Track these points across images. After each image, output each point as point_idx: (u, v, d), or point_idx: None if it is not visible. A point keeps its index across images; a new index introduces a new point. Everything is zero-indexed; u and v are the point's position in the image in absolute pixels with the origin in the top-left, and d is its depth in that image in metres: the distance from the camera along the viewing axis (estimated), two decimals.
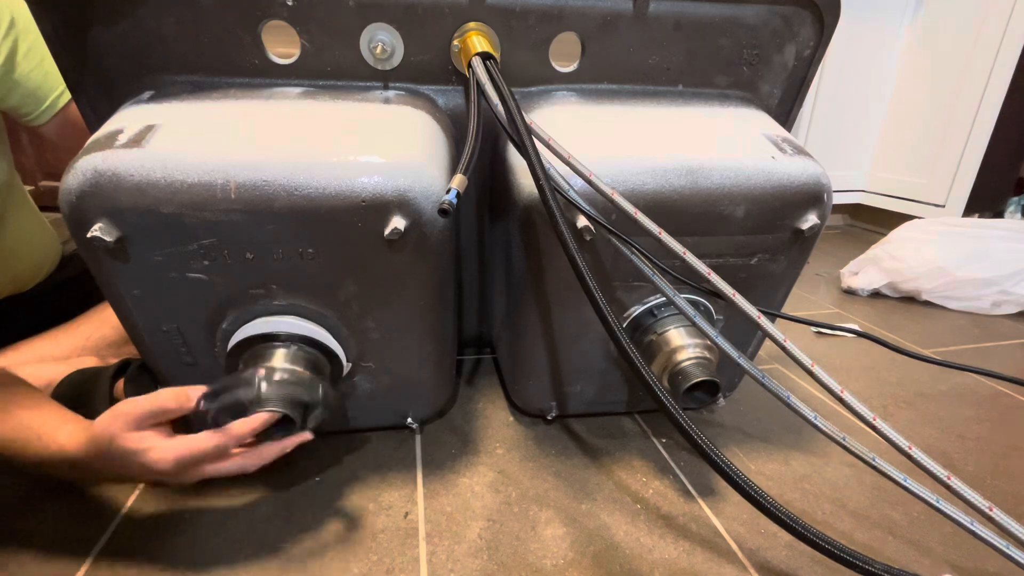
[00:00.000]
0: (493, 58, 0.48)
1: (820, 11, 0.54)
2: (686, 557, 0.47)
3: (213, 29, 0.48)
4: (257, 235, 0.42)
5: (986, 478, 0.58)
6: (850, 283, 1.15)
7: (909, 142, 1.54)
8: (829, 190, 0.50)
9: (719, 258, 0.51)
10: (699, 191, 0.47)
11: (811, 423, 0.42)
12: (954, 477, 0.37)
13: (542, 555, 0.47)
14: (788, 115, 0.62)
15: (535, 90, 0.56)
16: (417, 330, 0.52)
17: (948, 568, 0.47)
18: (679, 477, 0.57)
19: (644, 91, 0.58)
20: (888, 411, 0.70)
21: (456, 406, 0.68)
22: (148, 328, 0.47)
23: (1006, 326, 1.00)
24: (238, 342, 0.47)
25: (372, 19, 0.50)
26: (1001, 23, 1.28)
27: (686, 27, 0.54)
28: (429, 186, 0.44)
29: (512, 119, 0.44)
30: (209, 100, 0.48)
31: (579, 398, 0.62)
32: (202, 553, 0.46)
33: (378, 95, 0.52)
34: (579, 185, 0.46)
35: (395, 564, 0.45)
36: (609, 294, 0.53)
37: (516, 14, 0.51)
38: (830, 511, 0.53)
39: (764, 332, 0.42)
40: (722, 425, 0.66)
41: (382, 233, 0.43)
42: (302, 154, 0.42)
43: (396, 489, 0.54)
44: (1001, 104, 1.31)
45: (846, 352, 0.87)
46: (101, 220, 0.40)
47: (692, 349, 0.51)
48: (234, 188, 0.40)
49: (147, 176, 0.39)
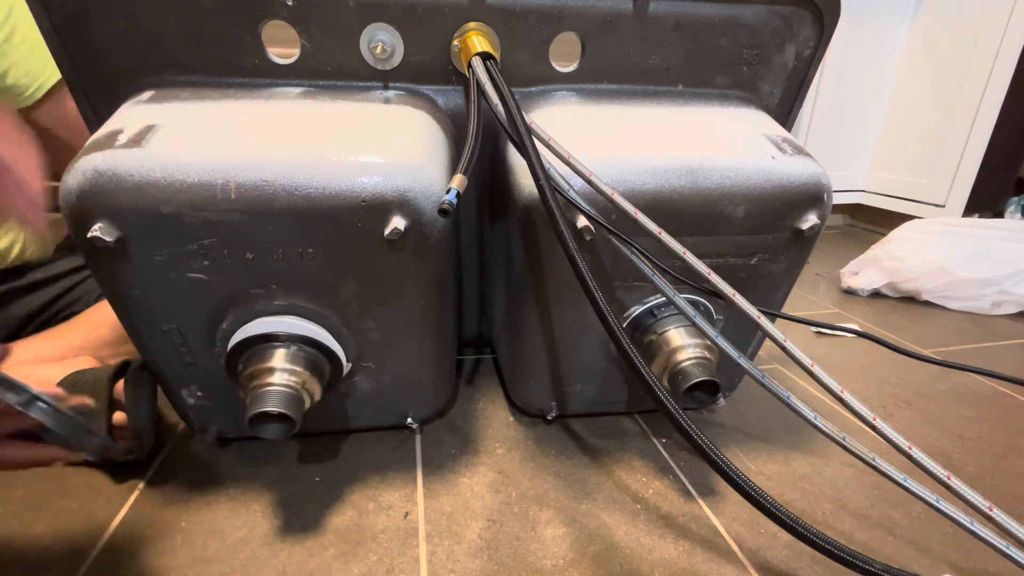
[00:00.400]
0: (493, 58, 0.48)
1: (820, 11, 0.54)
2: (686, 557, 0.47)
3: (213, 29, 0.48)
4: (257, 235, 0.42)
5: (986, 478, 0.58)
6: (850, 283, 1.15)
7: (909, 142, 1.54)
8: (829, 190, 0.50)
9: (719, 258, 0.51)
10: (699, 191, 0.47)
11: (811, 423, 0.42)
12: (954, 477, 0.37)
13: (542, 555, 0.47)
14: (788, 115, 0.62)
15: (535, 90, 0.56)
16: (417, 330, 0.52)
17: (948, 568, 0.47)
18: (679, 477, 0.57)
19: (644, 91, 0.58)
20: (888, 411, 0.70)
21: (456, 406, 0.68)
22: (148, 328, 0.47)
23: (1006, 326, 1.00)
24: (238, 342, 0.47)
25: (372, 19, 0.50)
26: (1001, 23, 1.29)
27: (686, 27, 0.54)
28: (429, 186, 0.44)
29: (512, 119, 0.44)
30: (209, 100, 0.48)
31: (579, 398, 0.62)
32: (201, 554, 0.46)
33: (378, 95, 0.52)
34: (579, 185, 0.46)
35: (395, 564, 0.45)
36: (609, 294, 0.53)
37: (516, 14, 0.51)
38: (830, 511, 0.53)
39: (764, 332, 0.42)
40: (722, 425, 0.66)
41: (382, 233, 0.43)
42: (302, 154, 0.42)
43: (396, 489, 0.54)
44: (1001, 104, 1.31)
45: (846, 352, 0.87)
46: (101, 220, 0.40)
47: (692, 349, 0.51)
48: (234, 188, 0.40)
49: (147, 176, 0.39)
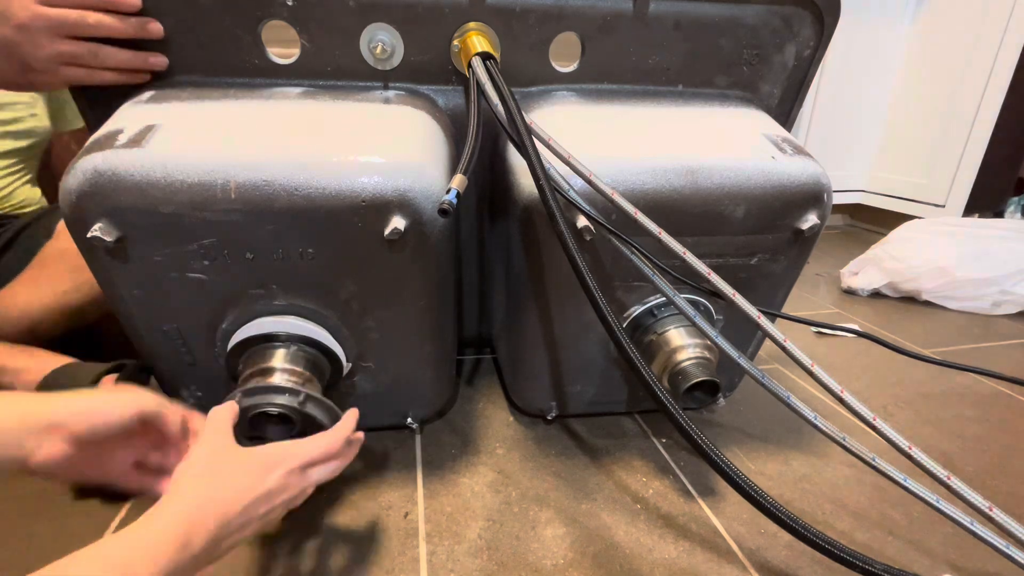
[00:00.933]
0: (493, 58, 0.48)
1: (820, 11, 0.54)
2: (686, 557, 0.47)
3: (213, 29, 0.48)
4: (257, 235, 0.42)
5: (986, 478, 0.58)
6: (850, 283, 1.15)
7: (909, 142, 1.54)
8: (829, 190, 0.50)
9: (719, 258, 0.51)
10: (699, 191, 0.47)
11: (811, 423, 0.42)
12: (954, 477, 0.37)
13: (542, 555, 0.47)
14: (788, 115, 0.62)
15: (535, 90, 0.56)
16: (417, 330, 0.52)
17: (948, 568, 0.47)
18: (679, 477, 0.57)
19: (644, 91, 0.58)
20: (888, 411, 0.70)
21: (456, 406, 0.68)
22: (148, 328, 0.47)
23: (1006, 326, 1.00)
24: (238, 342, 0.47)
25: (372, 19, 0.50)
26: (1001, 23, 1.28)
27: (686, 27, 0.54)
28: (429, 186, 0.44)
29: (512, 119, 0.44)
30: (209, 100, 0.48)
31: (579, 398, 0.62)
32: None
33: (378, 95, 0.52)
34: (579, 185, 0.46)
35: (395, 564, 0.45)
36: (609, 294, 0.53)
37: (516, 14, 0.51)
38: (830, 511, 0.53)
39: (764, 332, 0.42)
40: (722, 425, 0.66)
41: (382, 233, 0.43)
42: (302, 154, 0.42)
43: (396, 489, 0.54)
44: (1001, 104, 1.31)
45: (846, 352, 0.87)
46: (101, 220, 0.40)
47: (692, 349, 0.51)
48: (234, 188, 0.40)
49: (147, 176, 0.39)
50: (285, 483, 0.36)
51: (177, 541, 0.29)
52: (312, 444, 0.39)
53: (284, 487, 0.36)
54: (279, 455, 0.37)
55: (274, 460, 0.36)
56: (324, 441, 0.39)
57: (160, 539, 0.29)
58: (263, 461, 0.36)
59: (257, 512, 0.34)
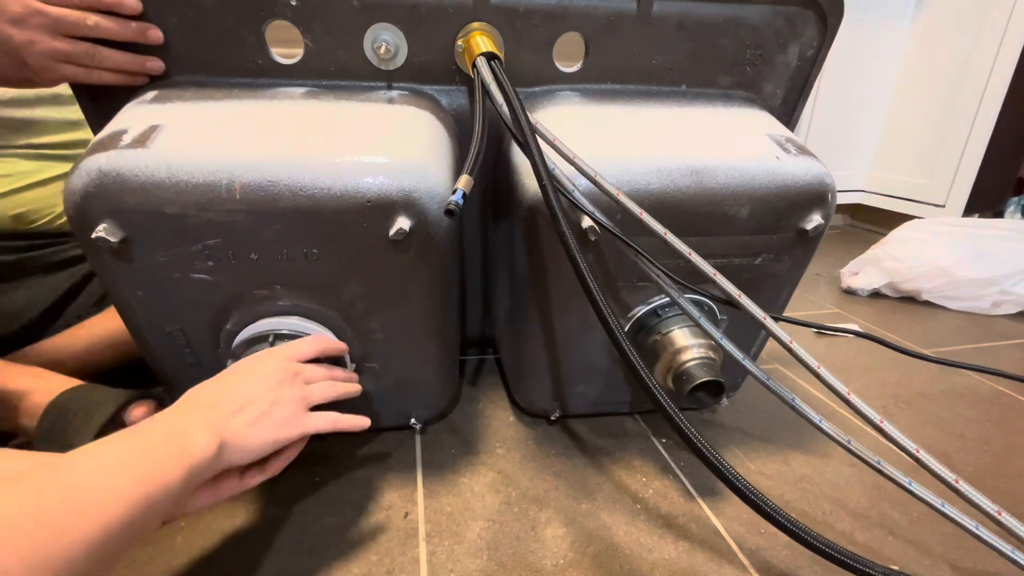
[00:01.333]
0: (497, 58, 0.48)
1: (823, 11, 0.54)
2: (686, 557, 0.47)
3: (217, 29, 0.48)
4: (262, 235, 0.42)
5: (986, 478, 0.59)
6: (850, 283, 1.15)
7: (909, 142, 1.54)
8: (833, 190, 0.50)
9: (724, 258, 0.51)
10: (704, 191, 0.47)
11: (816, 426, 0.42)
12: (962, 481, 0.37)
13: (542, 555, 0.47)
14: (791, 115, 0.62)
15: (539, 90, 0.56)
16: (421, 331, 0.52)
17: (948, 568, 0.47)
18: (679, 477, 0.57)
19: (648, 91, 0.58)
20: (888, 411, 0.71)
21: (457, 406, 0.68)
22: (152, 329, 0.47)
23: (1006, 326, 1.01)
24: (241, 342, 0.47)
25: (376, 19, 0.49)
26: (1001, 23, 1.29)
27: (689, 27, 0.54)
28: (434, 186, 0.44)
29: (517, 119, 0.44)
30: (213, 100, 0.48)
31: (582, 399, 0.62)
32: (201, 554, 0.46)
33: (382, 95, 0.52)
34: (584, 185, 0.46)
35: (395, 564, 0.45)
36: (613, 294, 0.53)
37: (520, 14, 0.51)
38: (830, 511, 0.53)
39: (770, 333, 0.42)
40: (722, 425, 0.66)
41: (387, 233, 0.43)
42: (307, 154, 0.42)
43: (396, 489, 0.54)
44: (1001, 104, 1.31)
45: (846, 352, 0.87)
46: (105, 221, 0.40)
47: (696, 349, 0.51)
48: (239, 188, 0.40)
49: (151, 176, 0.39)
50: (276, 370, 0.41)
51: (173, 438, 0.32)
52: (296, 341, 0.45)
53: (275, 374, 0.40)
54: (265, 351, 0.43)
55: (262, 354, 0.42)
56: (309, 339, 0.45)
57: (157, 443, 0.31)
58: (251, 358, 0.42)
59: (249, 394, 0.38)
